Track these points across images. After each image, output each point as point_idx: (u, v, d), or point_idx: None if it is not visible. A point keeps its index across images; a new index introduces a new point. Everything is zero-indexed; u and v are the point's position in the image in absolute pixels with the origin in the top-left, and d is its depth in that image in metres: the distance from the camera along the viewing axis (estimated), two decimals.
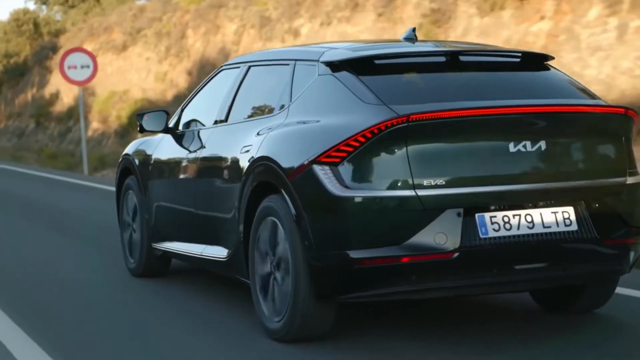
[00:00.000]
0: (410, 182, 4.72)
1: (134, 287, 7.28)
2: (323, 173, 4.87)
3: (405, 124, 4.70)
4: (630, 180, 5.15)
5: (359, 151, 4.79)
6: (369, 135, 4.76)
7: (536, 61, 5.65)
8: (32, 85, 39.19)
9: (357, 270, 4.79)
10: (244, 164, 5.62)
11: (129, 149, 7.82)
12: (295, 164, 5.06)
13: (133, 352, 5.37)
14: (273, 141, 5.39)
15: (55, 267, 8.23)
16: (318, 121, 5.17)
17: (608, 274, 5.34)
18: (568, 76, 5.64)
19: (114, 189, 8.37)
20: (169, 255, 7.16)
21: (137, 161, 7.52)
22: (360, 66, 5.28)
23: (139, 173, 7.43)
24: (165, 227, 7.07)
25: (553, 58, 5.76)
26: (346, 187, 4.80)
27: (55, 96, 35.07)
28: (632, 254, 5.20)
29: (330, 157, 4.87)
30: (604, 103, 5.28)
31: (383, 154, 4.76)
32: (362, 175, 4.80)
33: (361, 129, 4.78)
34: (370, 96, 5.00)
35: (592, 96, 5.38)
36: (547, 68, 5.61)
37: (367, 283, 4.85)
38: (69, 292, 7.10)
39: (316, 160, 4.91)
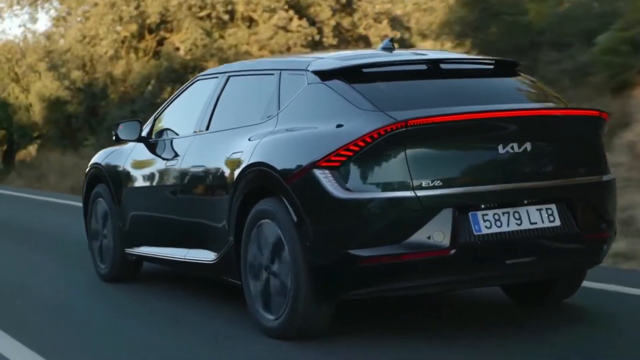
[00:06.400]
0: (410, 183, 5.00)
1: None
2: (324, 177, 5.12)
3: (404, 129, 4.99)
4: (605, 177, 5.54)
5: (358, 155, 5.05)
6: (369, 140, 5.02)
7: (508, 67, 6.00)
8: None
9: (360, 268, 5.06)
10: (235, 169, 5.82)
11: (98, 159, 7.95)
12: (294, 169, 5.30)
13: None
14: (267, 147, 5.61)
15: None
16: (314, 127, 5.42)
17: (586, 266, 5.74)
18: (537, 81, 6.02)
19: None
20: (144, 259, 7.33)
21: (108, 170, 7.66)
22: (350, 75, 5.54)
23: (110, 181, 7.57)
24: (141, 233, 7.23)
25: (521, 64, 6.13)
26: (347, 189, 5.06)
27: None
28: (605, 247, 5.59)
29: (330, 162, 5.12)
30: (580, 106, 5.67)
31: (382, 158, 5.04)
32: (362, 177, 5.07)
33: (361, 134, 5.04)
34: (365, 103, 5.27)
35: (562, 99, 5.75)
36: (517, 74, 5.97)
37: (370, 280, 5.12)
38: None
39: (316, 165, 5.16)
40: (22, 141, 29.62)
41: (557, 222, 5.30)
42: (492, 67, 5.98)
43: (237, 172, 5.80)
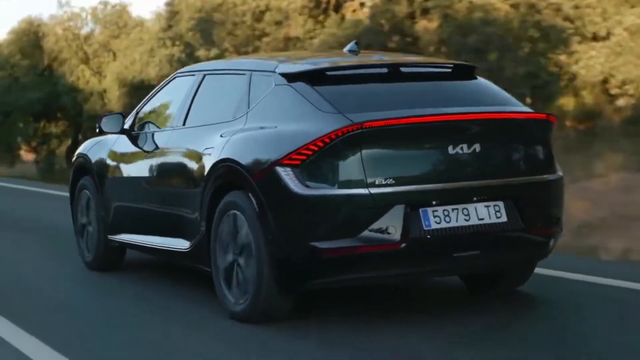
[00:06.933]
0: (364, 181, 5.39)
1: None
2: (285, 174, 5.50)
3: (360, 131, 5.37)
4: (550, 177, 5.92)
5: (317, 154, 5.43)
6: (327, 140, 5.41)
7: (466, 71, 6.37)
8: None
9: (318, 260, 5.45)
10: (207, 164, 6.20)
11: (84, 149, 8.34)
12: (259, 166, 5.69)
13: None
14: (236, 144, 5.99)
15: None
16: (277, 127, 5.80)
17: (531, 260, 6.15)
18: (493, 84, 6.38)
19: None
20: (126, 246, 7.72)
21: (93, 160, 8.04)
22: (315, 77, 5.92)
23: (95, 172, 7.95)
24: (123, 222, 7.62)
25: (478, 68, 6.49)
26: (307, 186, 5.45)
27: None
28: (552, 241, 5.98)
29: (291, 160, 5.51)
30: (528, 110, 6.04)
31: (340, 157, 5.42)
32: (321, 175, 5.45)
33: (320, 134, 5.43)
34: (326, 105, 5.65)
35: (515, 103, 6.12)
36: (475, 77, 6.34)
37: (327, 271, 5.52)
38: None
39: (279, 163, 5.54)
40: (93, 134, 25.92)
41: (504, 219, 5.68)
42: (450, 70, 6.36)
43: (208, 167, 6.18)
